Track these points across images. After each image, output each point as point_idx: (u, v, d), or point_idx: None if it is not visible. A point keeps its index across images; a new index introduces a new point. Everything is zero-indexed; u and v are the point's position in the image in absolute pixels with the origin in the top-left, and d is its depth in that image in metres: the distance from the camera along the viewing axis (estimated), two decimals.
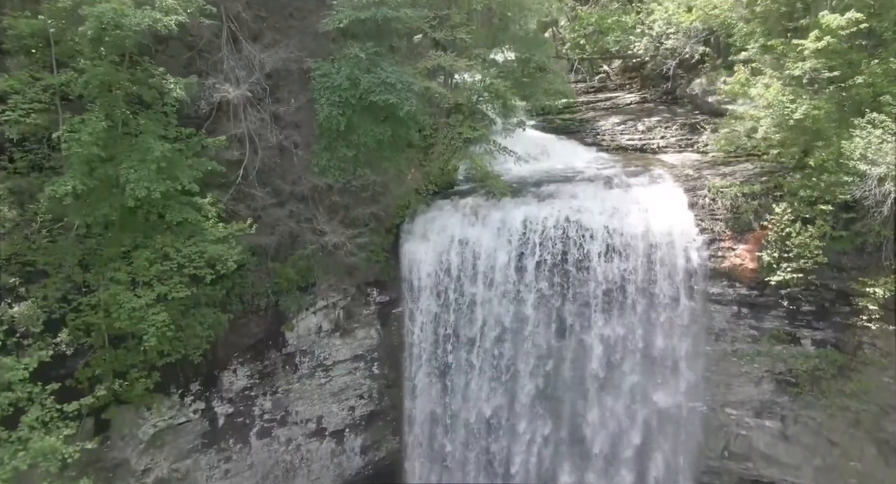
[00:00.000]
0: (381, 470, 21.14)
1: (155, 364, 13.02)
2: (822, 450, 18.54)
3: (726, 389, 18.97)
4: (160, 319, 11.55)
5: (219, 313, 13.60)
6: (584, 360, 17.96)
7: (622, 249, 17.29)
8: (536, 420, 19.10)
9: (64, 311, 11.89)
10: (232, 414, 16.90)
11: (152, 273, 11.84)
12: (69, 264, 11.87)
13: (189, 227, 12.27)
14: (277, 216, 14.39)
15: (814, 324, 16.42)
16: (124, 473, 14.91)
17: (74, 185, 10.72)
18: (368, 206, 15.20)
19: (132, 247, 12.23)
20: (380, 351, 19.15)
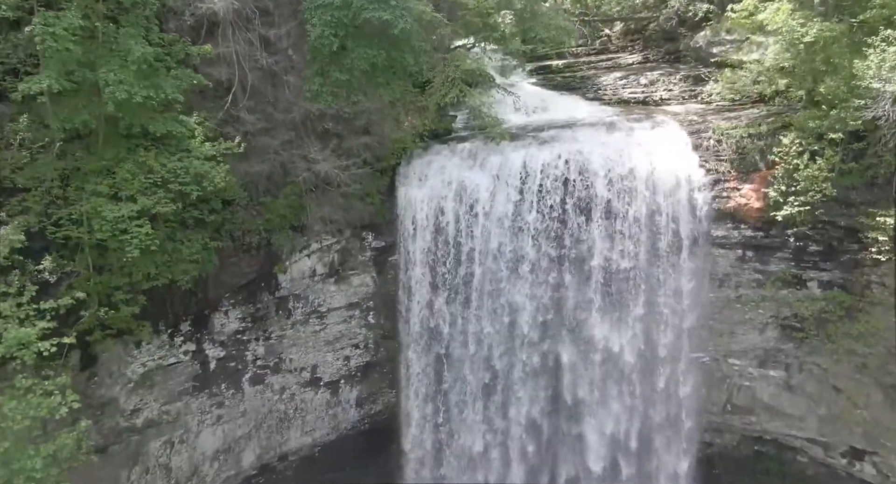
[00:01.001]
0: (378, 425, 20.78)
1: (140, 288, 12.61)
2: (827, 398, 18.22)
3: (730, 338, 18.61)
4: (143, 232, 11.12)
5: (206, 239, 13.11)
6: (585, 303, 17.60)
7: (624, 191, 16.89)
8: (537, 377, 18.85)
9: (44, 224, 11.45)
10: (224, 358, 16.53)
11: (135, 186, 11.34)
12: (49, 178, 11.38)
13: (174, 141, 11.79)
14: (268, 144, 13.95)
15: (821, 265, 16.03)
16: (112, 412, 14.54)
17: (50, 83, 10.24)
18: (362, 136, 14.73)
19: (115, 161, 11.77)
20: (375, 299, 18.75)
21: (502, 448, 18.68)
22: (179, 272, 12.86)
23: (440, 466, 20.35)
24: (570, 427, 19.38)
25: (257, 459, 18.31)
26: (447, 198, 17.47)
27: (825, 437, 18.99)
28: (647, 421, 19.28)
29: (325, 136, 14.78)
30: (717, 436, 22.37)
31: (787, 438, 20.82)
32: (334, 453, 20.89)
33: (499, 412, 18.74)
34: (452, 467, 19.97)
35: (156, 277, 12.55)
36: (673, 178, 16.79)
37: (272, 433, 18.30)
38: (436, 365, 19.15)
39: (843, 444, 19.07)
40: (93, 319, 11.87)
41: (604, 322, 17.30)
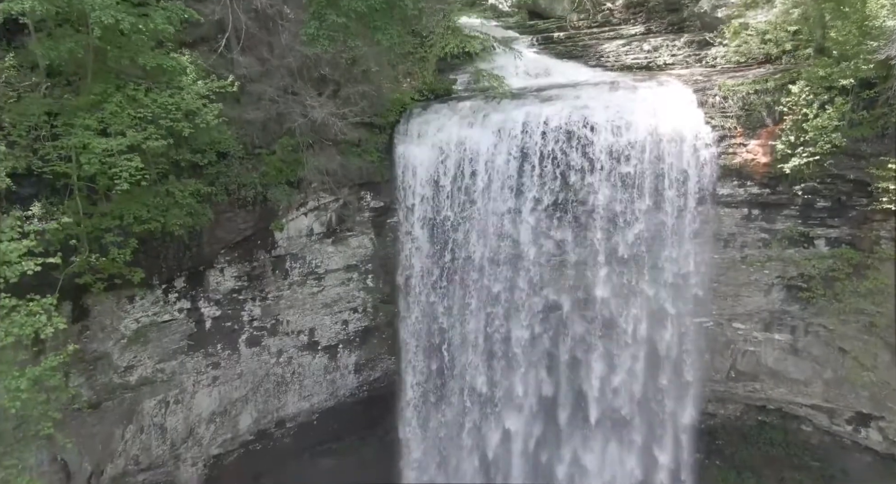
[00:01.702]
0: (376, 392, 20.51)
1: (132, 230, 12.28)
2: (833, 361, 17.94)
3: (734, 301, 18.31)
4: (133, 165, 10.79)
5: (199, 185, 12.81)
6: (587, 262, 17.27)
7: (627, 146, 16.55)
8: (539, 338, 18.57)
9: (30, 160, 11.12)
10: (219, 317, 16.20)
11: (124, 121, 10.99)
12: (37, 114, 11.03)
13: (165, 77, 11.43)
14: (263, 91, 13.58)
15: (828, 221, 15.71)
16: (105, 368, 14.27)
17: (33, 4, 9.86)
18: (359, 84, 14.37)
19: (103, 97, 11.41)
20: (374, 262, 18.44)
21: (501, 413, 18.46)
22: (172, 219, 12.51)
23: (440, 438, 20.26)
24: (571, 386, 19.21)
25: (254, 423, 18.07)
26: (447, 155, 17.13)
27: (830, 402, 18.75)
28: (651, 387, 19.14)
29: (322, 83, 14.42)
30: (720, 406, 22.18)
31: (791, 406, 20.59)
32: (333, 421, 20.64)
33: (501, 377, 18.54)
34: (452, 435, 19.84)
35: (147, 220, 12.20)
36: (677, 135, 16.42)
37: (269, 397, 18.03)
38: (437, 330, 18.95)
39: (849, 409, 18.84)
40: (83, 264, 11.57)
41: (606, 282, 17.03)
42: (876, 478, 19.63)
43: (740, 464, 21.55)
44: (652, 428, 19.27)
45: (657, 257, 17.56)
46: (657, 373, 18.83)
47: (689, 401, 19.16)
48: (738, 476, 21.52)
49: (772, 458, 21.50)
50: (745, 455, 21.62)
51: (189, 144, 12.16)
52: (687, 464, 19.76)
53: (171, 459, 16.34)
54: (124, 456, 15.24)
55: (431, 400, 19.86)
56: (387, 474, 20.51)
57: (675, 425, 19.35)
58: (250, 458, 19.23)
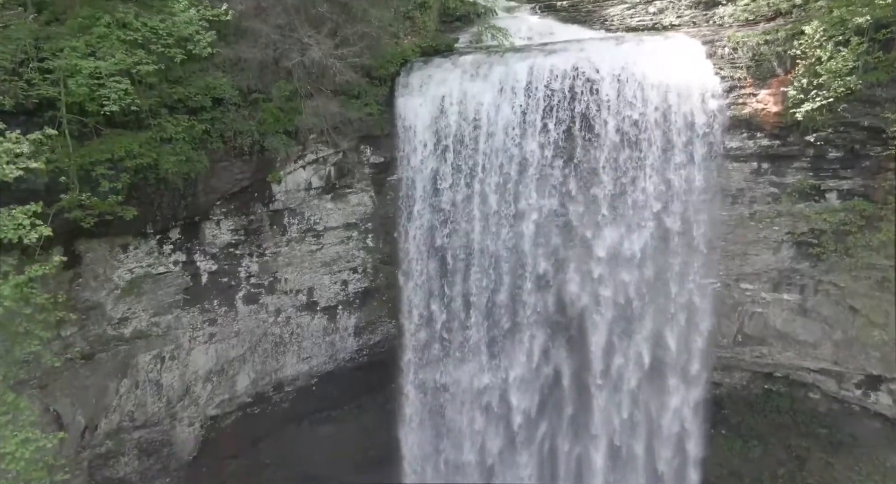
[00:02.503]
0: (376, 357, 20.15)
1: (124, 166, 11.91)
2: (843, 321, 17.54)
3: (742, 260, 17.91)
4: (122, 88, 10.41)
5: (193, 122, 12.44)
6: (592, 217, 16.87)
7: (634, 99, 16.14)
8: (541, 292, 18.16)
9: (17, 86, 10.70)
10: (216, 272, 15.86)
11: (113, 43, 10.56)
12: (23, 38, 10.60)
13: (156, 2, 11.01)
14: (259, 29, 13.16)
15: (840, 173, 15.29)
16: (98, 318, 13.94)
17: None
18: (357, 23, 13.94)
19: (91, 20, 10.98)
20: (374, 221, 18.06)
21: (502, 366, 18.09)
22: (165, 158, 12.12)
23: (440, 402, 19.95)
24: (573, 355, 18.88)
25: (252, 384, 17.74)
26: (449, 109, 16.73)
27: (840, 364, 18.35)
28: (655, 351, 18.80)
29: (320, 22, 13.98)
30: (726, 375, 21.79)
31: (798, 372, 20.22)
32: (332, 387, 20.32)
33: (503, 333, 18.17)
34: (452, 401, 19.52)
35: (139, 155, 11.84)
36: (685, 86, 16.01)
37: (267, 358, 17.71)
38: (437, 290, 18.60)
39: (858, 372, 18.45)
40: (73, 201, 11.21)
41: (610, 238, 16.65)
42: (885, 443, 19.26)
43: (746, 432, 21.21)
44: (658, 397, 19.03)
45: (663, 214, 17.26)
46: (663, 336, 18.61)
47: (693, 365, 18.93)
48: (745, 444, 21.19)
49: (778, 426, 21.16)
50: (751, 423, 21.28)
51: (183, 85, 11.74)
52: (692, 432, 19.55)
53: (167, 418, 16.04)
54: (119, 411, 14.93)
55: (432, 366, 19.65)
56: (387, 443, 20.27)
57: (681, 394, 19.13)
58: (248, 421, 18.91)
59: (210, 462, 18.44)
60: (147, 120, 11.67)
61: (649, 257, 17.43)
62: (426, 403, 20.13)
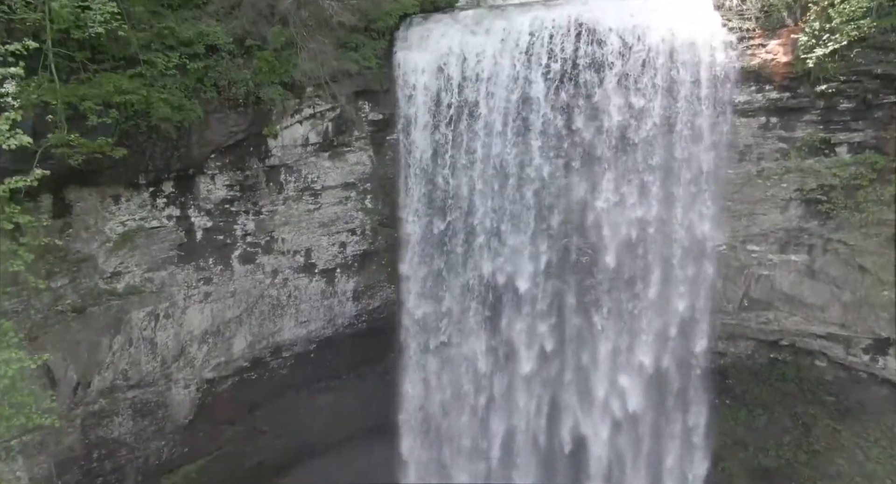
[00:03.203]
0: (375, 324, 19.81)
1: (113, 102, 11.51)
2: (851, 281, 17.16)
3: (749, 220, 17.52)
4: (108, 10, 10.03)
5: (184, 59, 12.04)
6: (595, 176, 16.48)
7: (639, 52, 15.70)
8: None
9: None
10: (211, 229, 15.50)
11: None
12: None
13: None
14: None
15: (851, 125, 14.87)
16: (90, 271, 13.60)
17: None
18: None
19: None
20: (373, 182, 17.68)
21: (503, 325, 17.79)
22: (157, 102, 11.74)
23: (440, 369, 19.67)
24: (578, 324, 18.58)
25: (249, 347, 17.42)
26: (449, 64, 16.33)
27: (847, 327, 17.96)
28: (659, 316, 18.48)
29: None
30: (731, 344, 21.46)
31: (805, 339, 19.88)
32: (330, 355, 19.98)
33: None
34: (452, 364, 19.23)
35: (128, 91, 11.47)
36: (692, 37, 15.58)
37: (264, 320, 17.37)
38: (437, 252, 18.25)
39: (867, 335, 18.09)
40: (60, 139, 10.84)
41: (613, 198, 16.27)
42: (892, 409, 18.91)
43: (751, 402, 20.87)
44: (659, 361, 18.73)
45: (668, 172, 16.89)
46: (667, 302, 18.29)
47: (699, 334, 18.61)
48: (749, 414, 20.88)
49: (784, 394, 20.84)
50: (756, 393, 20.94)
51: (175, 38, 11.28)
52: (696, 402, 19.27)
53: (162, 378, 15.74)
54: (112, 369, 14.63)
55: (433, 333, 19.34)
56: (386, 413, 20.00)
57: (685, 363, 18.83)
58: (246, 387, 18.59)
59: (206, 427, 18.17)
60: (137, 57, 11.26)
61: (654, 217, 17.21)
62: (426, 373, 19.94)
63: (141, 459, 15.99)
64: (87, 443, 14.66)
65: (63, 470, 14.35)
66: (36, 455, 13.63)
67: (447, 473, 20.30)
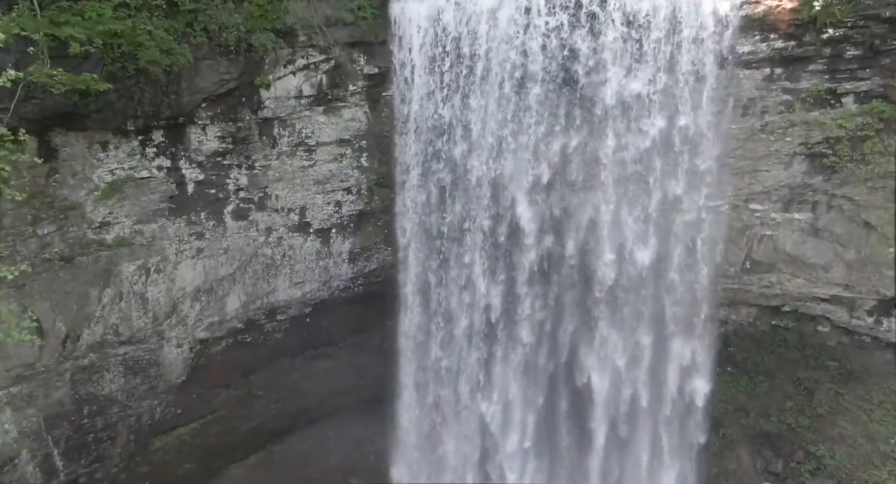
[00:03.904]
0: (372, 288, 19.49)
1: (97, 31, 11.13)
2: (856, 239, 16.87)
3: (752, 178, 17.21)
4: None
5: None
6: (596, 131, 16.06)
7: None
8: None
9: None
10: (202, 182, 15.17)
11: None
12: None
13: None
14: None
15: (858, 74, 14.53)
16: (78, 220, 13.27)
17: None
18: None
19: None
20: (368, 140, 17.31)
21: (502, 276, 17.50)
22: (141, 24, 11.40)
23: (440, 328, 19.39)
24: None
25: (243, 307, 17.12)
26: (447, 12, 15.96)
27: (851, 288, 17.68)
28: (661, 285, 18.19)
29: None
30: (732, 311, 21.23)
31: (807, 304, 19.62)
32: (326, 318, 19.67)
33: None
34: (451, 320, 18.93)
35: (111, 20, 11.09)
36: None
37: (258, 280, 17.07)
38: (435, 213, 17.94)
39: (871, 296, 17.82)
40: (40, 73, 10.49)
41: (614, 149, 15.88)
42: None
43: (752, 369, 20.64)
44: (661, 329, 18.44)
45: (670, 129, 16.53)
46: (668, 267, 18.00)
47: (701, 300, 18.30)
48: (750, 381, 20.64)
49: (786, 361, 20.61)
50: (757, 359, 20.71)
51: None
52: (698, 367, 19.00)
53: (153, 336, 15.45)
54: (102, 323, 14.34)
55: (430, 297, 19.05)
56: (383, 383, 19.75)
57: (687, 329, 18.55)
58: (240, 350, 18.33)
59: (200, 390, 17.91)
60: None
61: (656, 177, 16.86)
62: (423, 340, 19.68)
63: (133, 418, 15.76)
64: (77, 398, 14.40)
65: (53, 425, 14.11)
66: (24, 408, 13.40)
67: (444, 448, 20.14)
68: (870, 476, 17.08)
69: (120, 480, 15.59)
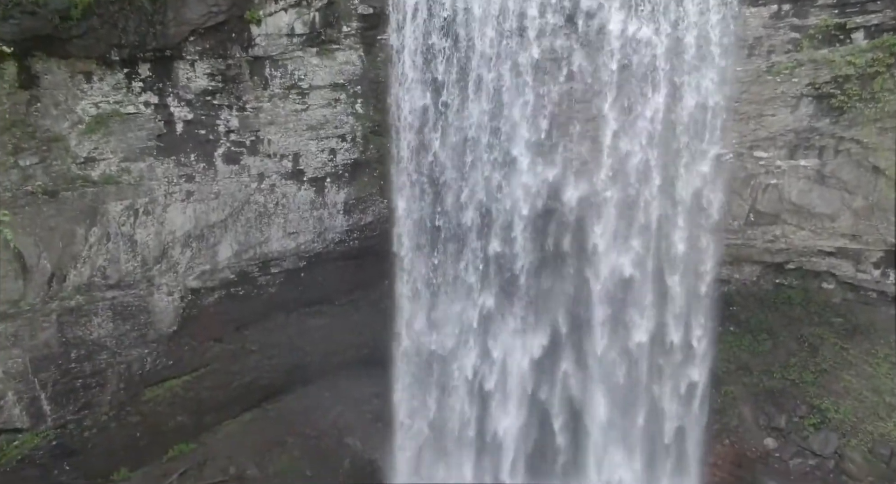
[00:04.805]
0: (368, 242, 19.00)
1: None
2: (864, 185, 16.41)
3: (757, 123, 16.71)
4: None
5: None
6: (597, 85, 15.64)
7: None
8: None
9: None
10: (192, 122, 14.72)
11: None
12: None
13: None
14: None
15: (868, 7, 13.98)
16: (61, 153, 12.88)
17: None
18: None
19: None
20: (363, 85, 16.78)
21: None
22: None
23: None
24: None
25: (235, 256, 16.73)
26: None
27: (858, 239, 17.30)
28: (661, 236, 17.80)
29: None
30: (735, 269, 20.85)
31: (812, 259, 19.23)
32: (321, 273, 19.25)
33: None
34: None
35: None
36: None
37: (251, 228, 16.66)
38: (431, 164, 17.52)
39: (878, 246, 17.41)
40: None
41: (614, 105, 15.46)
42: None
43: (755, 327, 20.30)
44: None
45: (674, 72, 16.07)
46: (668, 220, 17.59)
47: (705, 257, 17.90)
48: (754, 339, 20.28)
49: (790, 319, 20.23)
50: (760, 318, 20.36)
51: None
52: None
53: (143, 281, 15.11)
54: (89, 263, 13.99)
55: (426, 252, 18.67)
56: (379, 344, 19.38)
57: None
58: (233, 303, 17.96)
59: (192, 342, 17.57)
60: None
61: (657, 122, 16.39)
62: (421, 296, 19.33)
63: (123, 366, 15.44)
64: (63, 341, 14.07)
65: (39, 367, 13.80)
66: (9, 348, 13.09)
67: (442, 410, 19.83)
68: (875, 428, 16.79)
69: (110, 429, 15.34)
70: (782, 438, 18.06)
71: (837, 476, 16.53)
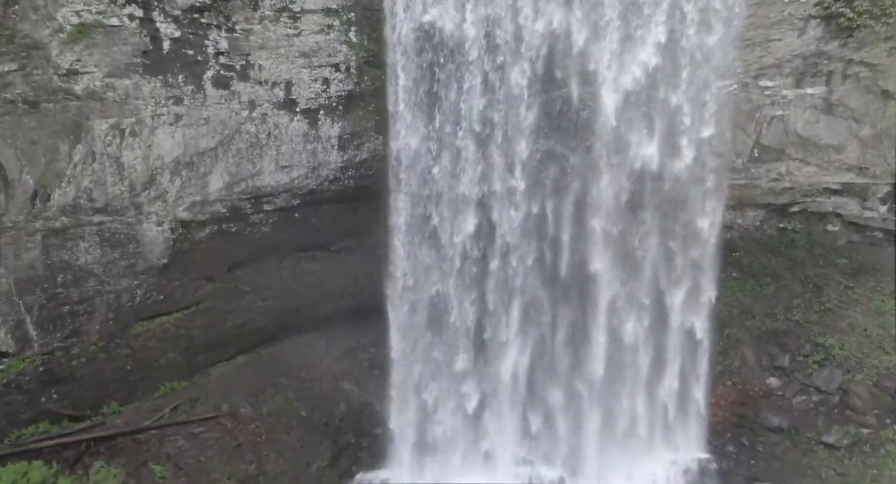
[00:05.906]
0: (363, 184, 18.46)
1: None
2: (872, 112, 16.05)
3: (763, 50, 16.28)
4: None
5: None
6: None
7: None
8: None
9: None
10: (179, 40, 14.18)
11: None
12: None
13: None
14: None
15: None
16: (42, 63, 12.37)
17: None
18: None
19: None
20: (357, 11, 16.25)
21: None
22: None
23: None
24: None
25: (226, 188, 16.24)
26: None
27: (865, 171, 16.95)
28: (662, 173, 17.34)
29: None
30: (738, 214, 20.45)
31: (817, 200, 18.89)
32: (316, 216, 18.78)
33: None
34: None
35: None
36: None
37: (242, 159, 16.18)
38: (428, 99, 17.04)
39: (885, 180, 17.08)
40: None
41: (612, 42, 14.91)
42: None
43: (758, 271, 19.96)
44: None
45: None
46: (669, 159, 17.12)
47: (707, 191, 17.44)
48: (757, 283, 19.92)
49: (794, 262, 19.90)
50: (763, 262, 20.02)
51: None
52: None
53: (131, 208, 14.66)
54: (74, 183, 13.56)
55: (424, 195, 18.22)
56: (375, 293, 18.97)
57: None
58: (225, 240, 17.50)
59: (183, 278, 17.12)
60: None
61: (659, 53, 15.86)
62: (417, 243, 18.92)
63: (112, 295, 15.04)
64: (49, 264, 13.67)
65: (24, 289, 13.41)
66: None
67: (437, 363, 19.49)
68: (880, 362, 16.47)
69: (99, 359, 14.99)
70: (785, 376, 17.75)
71: (842, 411, 16.23)
